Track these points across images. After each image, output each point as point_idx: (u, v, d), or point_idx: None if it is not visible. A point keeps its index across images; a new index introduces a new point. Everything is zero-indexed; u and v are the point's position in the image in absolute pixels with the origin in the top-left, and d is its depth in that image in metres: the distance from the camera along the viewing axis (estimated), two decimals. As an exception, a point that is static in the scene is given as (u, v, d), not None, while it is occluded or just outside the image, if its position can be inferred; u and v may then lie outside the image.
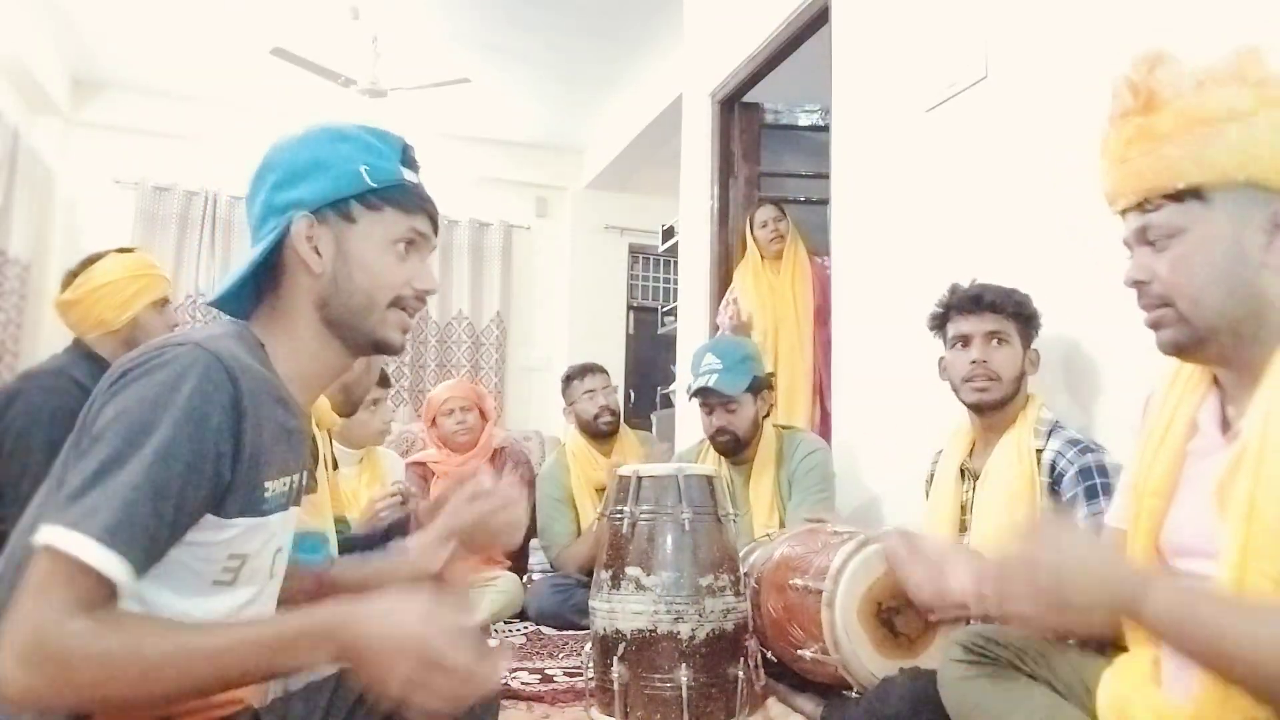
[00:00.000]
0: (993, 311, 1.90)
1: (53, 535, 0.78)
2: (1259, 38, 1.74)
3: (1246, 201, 0.91)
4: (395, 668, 0.79)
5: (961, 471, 1.98)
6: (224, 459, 0.87)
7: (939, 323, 2.01)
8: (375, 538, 1.81)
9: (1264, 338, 0.92)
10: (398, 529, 1.80)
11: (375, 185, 1.02)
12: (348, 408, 2.10)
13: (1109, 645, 1.09)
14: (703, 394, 2.67)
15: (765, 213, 3.88)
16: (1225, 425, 0.97)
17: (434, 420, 3.43)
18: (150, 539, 0.81)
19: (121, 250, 2.21)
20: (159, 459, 0.82)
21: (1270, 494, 0.84)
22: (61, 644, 0.75)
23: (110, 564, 0.78)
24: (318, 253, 1.01)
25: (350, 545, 1.83)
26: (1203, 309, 0.94)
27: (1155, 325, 0.99)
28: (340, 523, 2.10)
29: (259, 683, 0.84)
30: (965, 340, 1.93)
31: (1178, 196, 0.93)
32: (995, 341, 1.90)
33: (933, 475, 2.09)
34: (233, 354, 0.91)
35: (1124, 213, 0.99)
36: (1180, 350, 0.98)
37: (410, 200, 1.05)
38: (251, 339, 0.99)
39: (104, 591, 0.79)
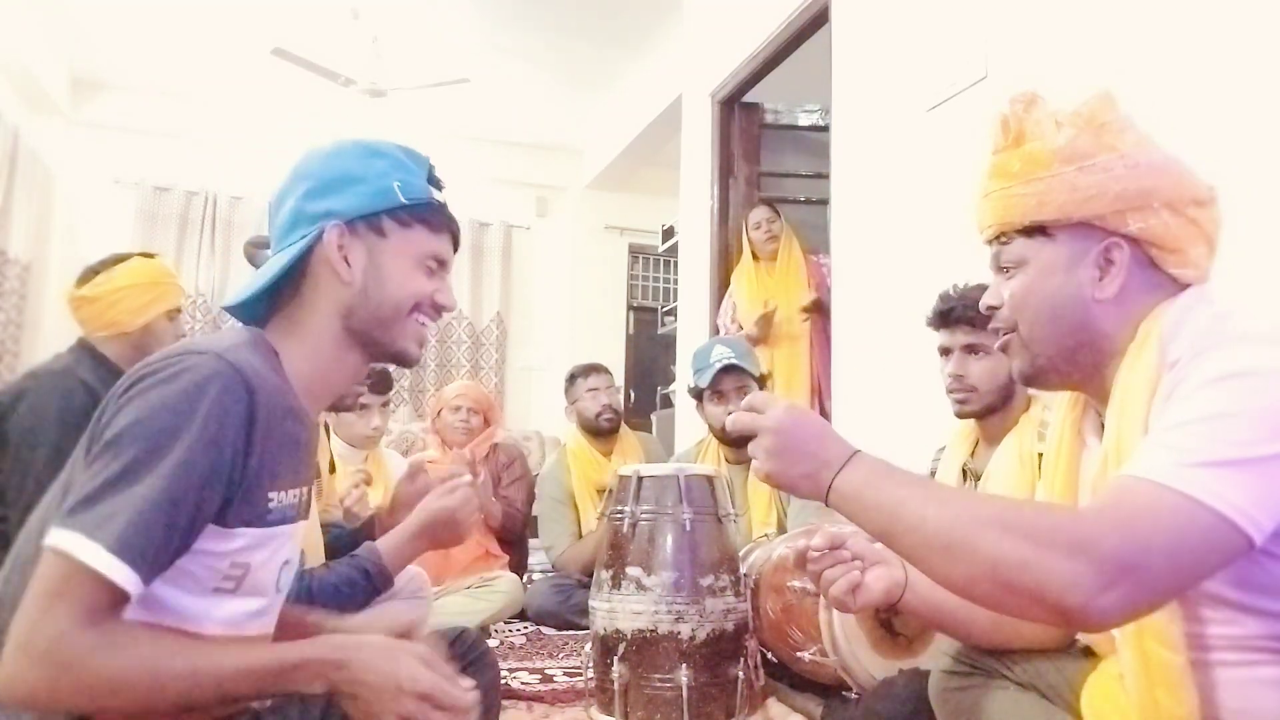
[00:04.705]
0: (966, 324, 1.87)
1: (66, 540, 0.79)
2: (1251, 36, 1.74)
3: (1083, 238, 0.96)
4: (395, 705, 0.85)
5: (964, 472, 1.98)
6: (235, 471, 0.88)
7: (934, 328, 2.01)
8: (344, 539, 1.82)
9: (1102, 363, 0.97)
10: (365, 531, 1.81)
11: (407, 202, 1.04)
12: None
13: (1093, 651, 1.10)
14: (719, 378, 2.69)
15: (760, 214, 3.90)
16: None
17: (439, 413, 3.45)
18: (161, 550, 0.83)
19: (144, 255, 2.22)
20: (178, 471, 0.83)
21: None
22: (74, 653, 0.77)
23: (122, 574, 0.79)
24: (348, 262, 1.02)
25: (337, 542, 1.83)
26: (1037, 337, 1.00)
27: (1004, 350, 1.05)
28: (336, 525, 2.10)
29: (251, 702, 0.89)
30: (945, 351, 1.93)
31: (1026, 231, 0.99)
32: (973, 354, 1.88)
33: (933, 472, 2.09)
34: (251, 365, 0.91)
35: (988, 242, 1.05)
36: (1026, 378, 1.04)
37: (438, 220, 1.07)
38: (266, 347, 0.99)
39: (115, 599, 0.80)
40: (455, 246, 1.11)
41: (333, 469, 2.44)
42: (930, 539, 0.82)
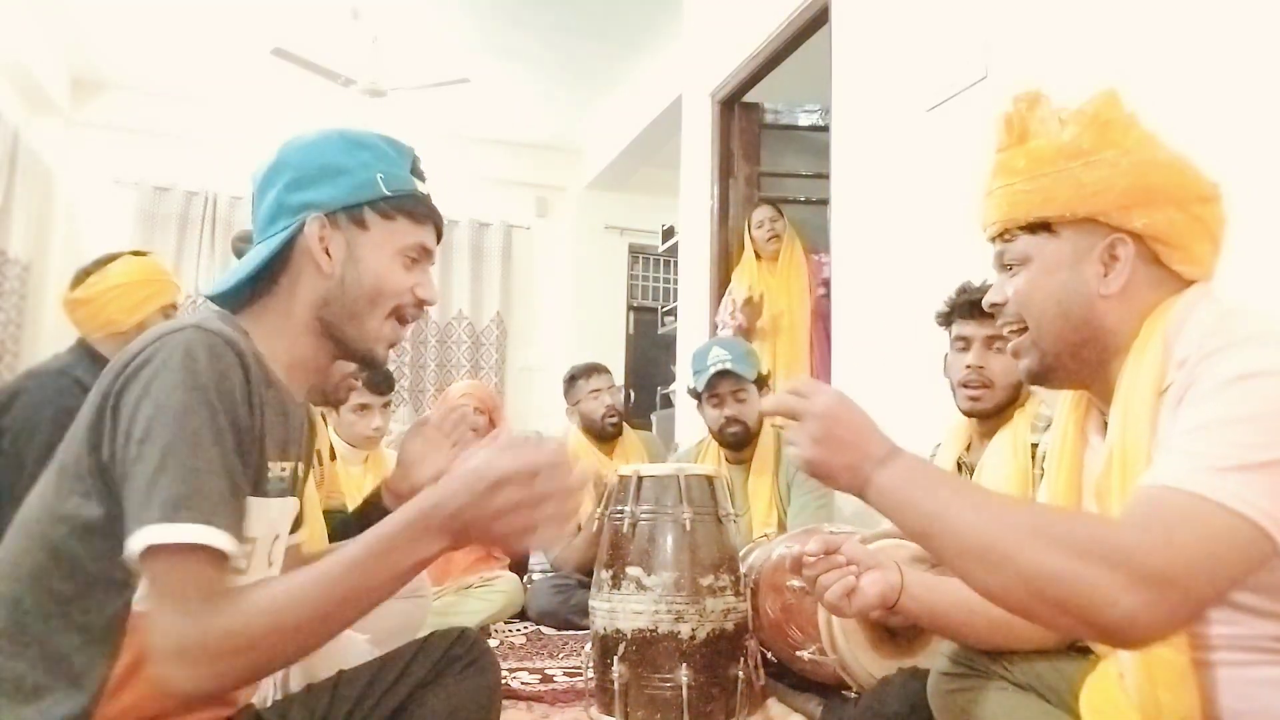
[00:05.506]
0: (994, 317, 1.87)
1: (153, 535, 0.80)
2: (1253, 34, 1.74)
3: (1087, 234, 0.96)
4: (503, 502, 0.81)
5: (959, 466, 1.98)
6: (246, 430, 0.90)
7: (944, 321, 1.99)
8: (343, 527, 1.83)
9: (1107, 359, 0.97)
10: (365, 516, 1.81)
11: (389, 193, 1.03)
12: (315, 396, 2.10)
13: (1091, 651, 1.10)
14: (715, 382, 2.69)
15: (762, 213, 3.91)
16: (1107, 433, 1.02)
17: None
18: (234, 508, 0.85)
19: (136, 253, 2.22)
20: (212, 435, 0.84)
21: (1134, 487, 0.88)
22: (224, 634, 0.79)
23: (218, 538, 0.81)
24: (328, 254, 1.01)
25: (338, 529, 1.83)
26: (1044, 334, 0.99)
27: (1015, 354, 1.05)
28: (340, 512, 2.10)
29: (388, 595, 0.86)
30: (965, 343, 1.92)
31: (1030, 228, 0.99)
32: (995, 347, 1.88)
33: (930, 469, 2.09)
34: (228, 332, 0.92)
35: (991, 240, 1.05)
36: (1035, 378, 1.04)
37: (421, 211, 1.06)
38: (235, 325, 0.99)
39: (221, 567, 0.82)
40: (438, 237, 1.10)
41: (333, 457, 2.45)
42: (968, 546, 0.81)
